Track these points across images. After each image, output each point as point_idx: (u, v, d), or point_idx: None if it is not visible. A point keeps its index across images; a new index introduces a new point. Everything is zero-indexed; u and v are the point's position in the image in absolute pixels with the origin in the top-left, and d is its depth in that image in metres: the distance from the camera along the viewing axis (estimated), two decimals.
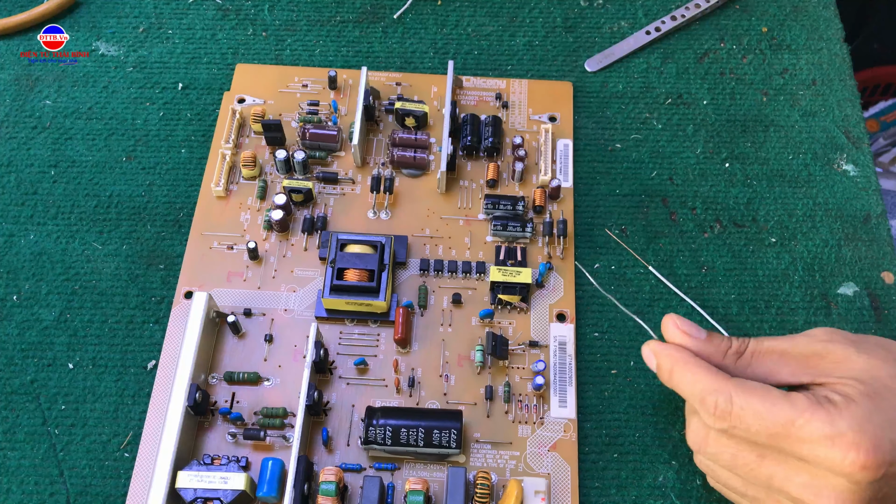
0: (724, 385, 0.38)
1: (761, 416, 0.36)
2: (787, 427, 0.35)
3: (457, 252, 0.51)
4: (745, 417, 0.36)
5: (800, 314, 0.50)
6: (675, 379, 0.40)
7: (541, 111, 0.56)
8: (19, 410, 0.46)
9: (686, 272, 0.51)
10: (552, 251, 0.51)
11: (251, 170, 0.52)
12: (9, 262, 0.50)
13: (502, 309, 0.49)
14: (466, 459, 0.45)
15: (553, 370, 0.47)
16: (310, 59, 0.59)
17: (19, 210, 0.52)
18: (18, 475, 0.45)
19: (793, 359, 0.39)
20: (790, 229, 0.53)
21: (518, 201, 0.51)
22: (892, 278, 0.51)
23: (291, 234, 0.51)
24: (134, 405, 0.46)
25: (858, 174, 0.55)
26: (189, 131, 0.55)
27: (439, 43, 0.60)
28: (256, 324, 0.48)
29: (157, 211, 0.52)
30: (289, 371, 0.47)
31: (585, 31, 0.60)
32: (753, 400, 0.36)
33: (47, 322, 0.49)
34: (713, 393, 0.38)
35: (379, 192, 0.52)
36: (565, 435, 0.46)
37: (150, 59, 0.58)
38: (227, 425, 0.45)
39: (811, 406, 0.35)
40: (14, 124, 0.55)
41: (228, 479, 0.42)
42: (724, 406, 0.37)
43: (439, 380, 0.47)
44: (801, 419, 0.35)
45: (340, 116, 0.55)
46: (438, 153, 0.54)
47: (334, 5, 0.61)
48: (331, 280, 0.47)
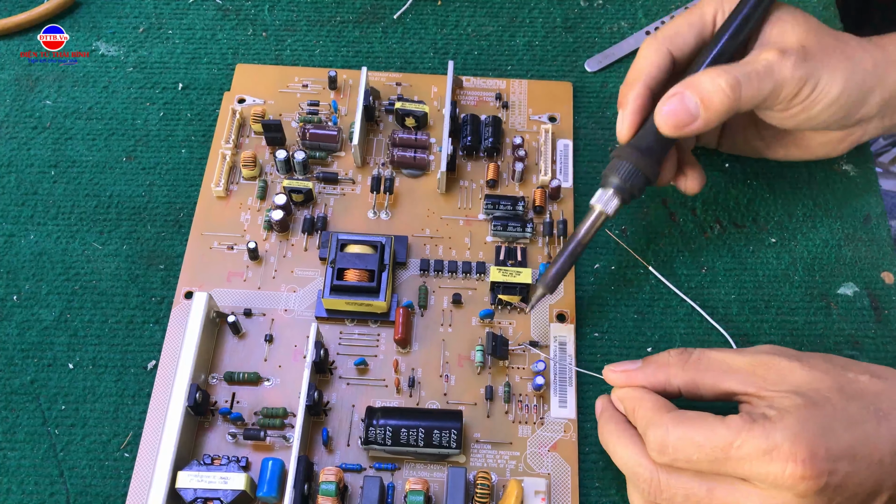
0: (662, 418, 0.38)
1: (699, 445, 0.36)
2: (727, 450, 0.35)
3: (457, 252, 0.51)
4: (684, 448, 0.36)
5: (800, 314, 0.50)
6: (634, 419, 0.40)
7: (541, 111, 0.56)
8: (19, 410, 0.46)
9: (686, 272, 0.51)
10: (552, 251, 0.51)
11: (251, 170, 0.52)
12: (9, 262, 0.50)
13: (502, 309, 0.49)
14: (466, 459, 0.45)
15: (553, 370, 0.47)
16: (310, 59, 0.59)
17: (19, 210, 0.52)
18: (18, 475, 0.45)
19: (740, 369, 0.39)
20: (790, 229, 0.53)
21: (518, 201, 0.51)
22: (892, 278, 0.51)
23: (291, 234, 0.51)
24: (134, 405, 0.46)
25: (858, 174, 0.55)
26: (189, 131, 0.55)
27: (439, 43, 0.60)
28: (256, 324, 0.48)
29: (157, 211, 0.52)
30: (289, 371, 0.47)
31: (585, 31, 0.60)
32: (689, 429, 0.36)
33: (47, 322, 0.49)
34: (652, 428, 0.38)
35: (379, 193, 0.52)
36: (565, 435, 0.46)
37: (150, 59, 0.58)
38: (227, 425, 0.45)
39: (746, 424, 0.35)
40: (14, 124, 0.55)
41: (228, 479, 0.42)
42: (663, 439, 0.37)
43: (439, 380, 0.47)
44: (739, 439, 0.35)
45: (340, 116, 0.55)
46: (438, 153, 0.54)
47: (334, 5, 0.61)
48: (331, 280, 0.47)
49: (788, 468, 0.34)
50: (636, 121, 0.45)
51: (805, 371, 0.38)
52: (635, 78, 0.45)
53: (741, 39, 0.44)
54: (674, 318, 0.50)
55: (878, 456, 0.35)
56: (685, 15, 0.46)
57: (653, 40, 0.46)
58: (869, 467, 0.35)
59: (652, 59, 0.45)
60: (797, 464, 0.34)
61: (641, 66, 0.45)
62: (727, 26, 0.44)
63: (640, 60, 0.46)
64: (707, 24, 0.46)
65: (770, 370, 0.38)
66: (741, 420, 0.36)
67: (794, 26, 0.44)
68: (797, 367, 0.38)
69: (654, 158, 0.44)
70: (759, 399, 0.37)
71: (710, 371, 0.39)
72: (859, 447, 0.35)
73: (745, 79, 0.42)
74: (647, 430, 0.38)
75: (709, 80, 0.42)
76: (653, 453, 0.38)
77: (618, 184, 0.44)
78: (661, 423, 0.37)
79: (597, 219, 0.45)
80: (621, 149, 0.45)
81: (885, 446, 0.35)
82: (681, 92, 0.42)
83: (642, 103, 0.45)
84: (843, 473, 0.34)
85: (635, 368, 0.41)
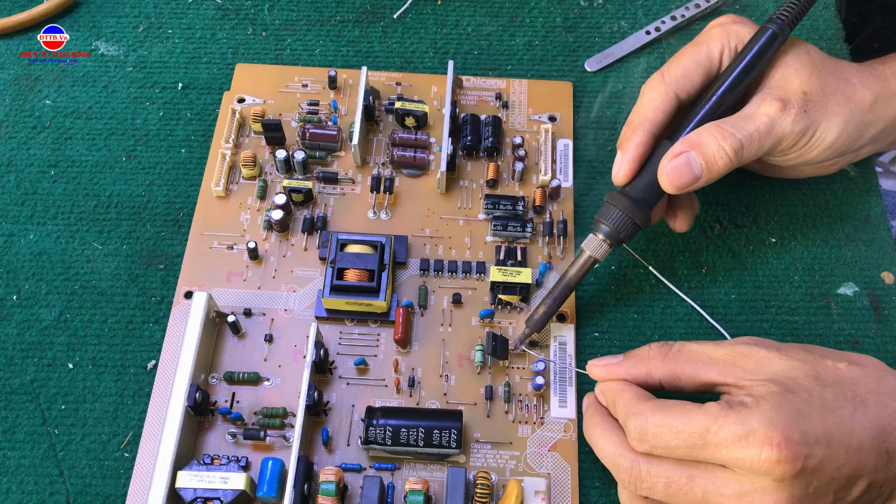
0: (641, 407, 0.38)
1: (677, 431, 0.37)
2: (704, 436, 0.36)
3: (457, 252, 0.51)
4: (663, 435, 0.37)
5: (800, 314, 0.50)
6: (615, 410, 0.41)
7: (541, 111, 0.56)
8: (19, 410, 0.46)
9: (686, 272, 0.51)
10: (552, 251, 0.51)
11: (251, 170, 0.52)
12: (9, 262, 0.50)
13: (502, 309, 0.49)
14: (466, 459, 0.45)
15: (553, 370, 0.47)
16: (310, 59, 0.59)
17: (19, 210, 0.52)
18: (18, 475, 0.44)
19: (720, 360, 0.39)
20: (790, 229, 0.53)
21: (518, 201, 0.51)
22: (892, 278, 0.51)
23: (291, 234, 0.51)
24: (134, 405, 0.46)
25: (858, 174, 0.55)
26: (189, 131, 0.55)
27: (439, 43, 0.60)
28: (256, 324, 0.48)
29: (157, 211, 0.52)
30: (289, 371, 0.47)
31: (585, 31, 0.60)
32: (667, 417, 0.37)
33: (47, 322, 0.49)
34: (632, 417, 0.38)
35: (379, 192, 0.52)
36: (565, 435, 0.46)
37: (149, 58, 0.58)
38: (227, 425, 0.45)
39: (723, 411, 0.36)
40: (14, 124, 0.55)
41: (228, 479, 0.42)
42: (642, 426, 0.38)
43: (439, 380, 0.47)
44: (715, 425, 0.36)
45: (340, 116, 0.55)
46: (438, 153, 0.54)
47: (334, 5, 0.61)
48: (331, 280, 0.47)
49: (764, 452, 0.34)
50: (634, 168, 0.45)
51: (783, 360, 0.38)
52: (639, 122, 0.45)
53: (745, 86, 0.45)
54: (674, 318, 0.50)
55: (855, 442, 0.35)
56: (692, 52, 0.46)
57: (660, 81, 0.46)
58: (846, 452, 0.35)
59: (658, 104, 0.45)
60: (772, 448, 0.34)
61: (647, 110, 0.45)
62: (732, 69, 0.45)
63: (646, 103, 0.45)
64: (714, 63, 0.46)
65: (748, 360, 0.39)
66: (718, 407, 0.36)
67: (797, 70, 0.44)
68: (775, 357, 0.38)
69: (646, 207, 0.45)
70: (737, 388, 0.38)
71: (689, 363, 0.40)
72: (835, 432, 0.35)
73: (748, 141, 0.43)
74: (627, 420, 0.39)
75: (714, 143, 0.42)
76: (633, 442, 0.38)
77: (609, 231, 0.45)
78: (641, 412, 0.38)
79: (586, 262, 0.46)
80: (614, 195, 0.45)
81: (863, 432, 0.36)
82: (686, 152, 0.43)
83: (643, 151, 0.45)
84: (819, 458, 0.35)
85: (616, 362, 0.42)
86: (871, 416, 0.36)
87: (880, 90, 0.45)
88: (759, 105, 0.44)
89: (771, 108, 0.43)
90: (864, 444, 0.36)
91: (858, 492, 0.36)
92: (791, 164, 0.47)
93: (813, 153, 0.45)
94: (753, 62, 0.44)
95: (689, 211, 0.48)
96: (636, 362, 0.41)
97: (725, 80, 0.45)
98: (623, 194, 0.45)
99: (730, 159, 0.43)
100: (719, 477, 0.37)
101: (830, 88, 0.44)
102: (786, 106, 0.43)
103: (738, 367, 0.38)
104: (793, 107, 0.43)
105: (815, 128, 0.44)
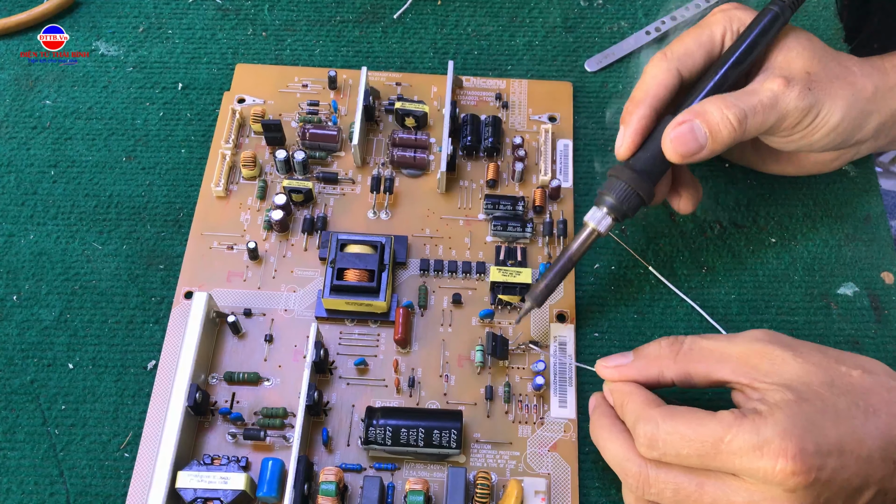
0: (651, 413, 0.38)
1: (689, 439, 0.36)
2: (717, 445, 0.36)
3: (457, 252, 0.51)
4: (673, 443, 0.37)
5: (800, 314, 0.50)
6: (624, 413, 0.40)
7: (541, 111, 0.56)
8: (19, 410, 0.46)
9: (686, 272, 0.51)
10: (552, 251, 0.51)
11: (251, 170, 0.52)
12: (9, 262, 0.50)
13: (502, 309, 0.49)
14: (466, 459, 0.45)
15: (553, 370, 0.47)
16: (310, 59, 0.59)
17: (19, 210, 0.52)
18: (18, 475, 0.45)
19: (733, 357, 0.39)
20: (790, 229, 0.53)
21: (518, 201, 0.51)
22: (892, 278, 0.51)
23: (291, 234, 0.51)
24: (134, 405, 0.46)
25: (858, 174, 0.55)
26: (189, 131, 0.55)
27: (439, 43, 0.60)
28: (256, 324, 0.48)
29: (157, 211, 0.52)
30: (289, 371, 0.47)
31: (585, 31, 0.60)
32: (679, 424, 0.37)
33: (47, 322, 0.49)
34: (642, 422, 0.38)
35: (379, 192, 0.52)
36: (565, 435, 0.46)
37: (149, 59, 0.58)
38: (227, 425, 0.45)
39: (737, 419, 0.36)
40: (14, 124, 0.55)
41: (228, 479, 0.42)
42: (652, 433, 0.37)
43: (439, 380, 0.47)
44: (729, 434, 0.35)
45: (340, 116, 0.55)
46: (438, 153, 0.54)
47: (334, 5, 0.61)
48: (331, 280, 0.47)
49: (779, 464, 0.34)
50: (637, 141, 0.45)
51: (798, 364, 0.38)
52: (642, 97, 0.45)
53: (748, 64, 0.45)
54: (674, 318, 0.50)
55: (865, 451, 0.35)
56: (694, 33, 0.46)
57: (662, 59, 0.46)
58: (856, 462, 0.35)
59: (660, 79, 0.45)
60: (787, 459, 0.34)
61: (649, 86, 0.45)
62: (735, 48, 0.45)
63: (649, 79, 0.45)
64: (716, 44, 0.46)
65: (763, 360, 0.38)
66: (731, 415, 0.36)
67: (800, 52, 0.44)
68: (790, 359, 0.38)
69: (650, 180, 0.44)
70: (751, 389, 0.38)
71: (702, 362, 0.40)
72: (847, 442, 0.35)
73: (752, 112, 0.42)
74: (636, 425, 0.38)
75: (717, 112, 0.42)
76: (642, 448, 0.38)
77: (612, 203, 0.44)
78: (651, 418, 0.38)
79: (589, 236, 0.45)
80: (618, 168, 0.45)
81: (873, 442, 0.36)
82: (690, 120, 0.42)
83: (646, 124, 0.45)
84: (832, 468, 0.35)
85: (627, 363, 0.42)
86: (882, 425, 0.36)
87: (880, 82, 0.45)
88: (763, 82, 0.43)
89: (775, 83, 0.43)
90: (874, 454, 0.35)
91: (866, 500, 0.36)
92: (795, 148, 0.46)
93: (817, 135, 0.45)
94: (757, 40, 0.44)
95: (692, 191, 0.48)
96: (647, 363, 0.41)
97: (729, 57, 0.45)
98: (627, 167, 0.44)
99: (734, 128, 0.42)
100: (729, 485, 0.36)
101: (833, 73, 0.44)
102: (790, 83, 0.43)
103: (752, 367, 0.38)
104: (797, 84, 0.43)
105: (820, 108, 0.43)
